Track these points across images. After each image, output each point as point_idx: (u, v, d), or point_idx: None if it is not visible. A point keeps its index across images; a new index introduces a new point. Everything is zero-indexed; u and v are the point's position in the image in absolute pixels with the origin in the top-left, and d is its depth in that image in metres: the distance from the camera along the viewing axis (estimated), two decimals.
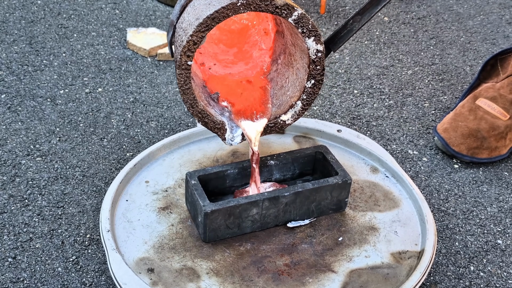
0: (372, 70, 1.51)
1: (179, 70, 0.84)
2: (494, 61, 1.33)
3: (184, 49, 0.82)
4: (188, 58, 0.83)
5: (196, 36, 0.82)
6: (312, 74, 0.91)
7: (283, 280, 0.86)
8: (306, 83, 0.92)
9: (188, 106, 0.88)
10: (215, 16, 0.81)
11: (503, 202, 1.14)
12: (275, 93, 0.97)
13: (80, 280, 0.95)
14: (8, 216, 1.05)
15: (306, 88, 0.92)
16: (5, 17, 1.63)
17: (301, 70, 0.92)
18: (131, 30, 1.57)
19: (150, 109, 1.33)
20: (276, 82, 0.98)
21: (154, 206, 0.97)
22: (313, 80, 0.91)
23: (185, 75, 0.85)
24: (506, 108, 1.23)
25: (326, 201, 0.95)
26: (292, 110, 0.95)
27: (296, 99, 0.94)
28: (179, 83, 0.85)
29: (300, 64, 0.92)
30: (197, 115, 0.90)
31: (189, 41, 0.82)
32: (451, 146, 1.21)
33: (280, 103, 0.96)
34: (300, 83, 0.93)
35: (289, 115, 0.95)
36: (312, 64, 0.89)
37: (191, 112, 0.89)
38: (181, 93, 0.86)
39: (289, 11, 0.83)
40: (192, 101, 0.88)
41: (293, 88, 0.94)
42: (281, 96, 0.96)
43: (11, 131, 1.24)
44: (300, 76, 0.93)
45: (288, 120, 0.96)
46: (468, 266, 1.01)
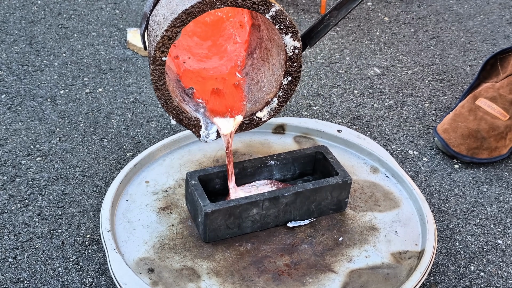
0: (372, 70, 1.51)
1: (153, 66, 0.83)
2: (494, 60, 1.33)
3: (159, 44, 0.81)
4: (162, 53, 0.82)
5: (171, 32, 0.80)
6: (289, 71, 0.89)
7: (283, 280, 0.86)
8: (283, 80, 0.90)
9: (162, 102, 0.86)
10: (190, 11, 0.79)
11: (504, 202, 1.14)
12: (250, 89, 0.96)
13: (80, 280, 0.95)
14: (8, 216, 1.05)
15: (283, 85, 0.91)
16: (5, 17, 1.63)
17: (278, 66, 0.91)
18: (131, 30, 1.57)
19: (150, 109, 1.33)
20: (251, 77, 0.96)
21: (154, 206, 0.97)
22: (290, 77, 0.90)
23: (159, 71, 0.83)
24: (506, 108, 1.23)
25: (326, 201, 0.95)
26: (268, 107, 0.93)
27: (272, 96, 0.93)
28: (153, 79, 0.84)
29: (276, 60, 0.91)
30: (171, 112, 0.88)
31: (163, 36, 0.80)
32: (451, 147, 1.21)
33: (256, 99, 0.95)
34: (277, 79, 0.92)
35: (265, 112, 0.94)
36: (289, 61, 0.88)
37: (165, 108, 0.87)
38: (155, 89, 0.85)
39: (267, 7, 0.82)
40: (166, 98, 0.86)
41: (269, 84, 0.93)
42: (256, 92, 0.95)
43: (11, 131, 1.24)
44: (276, 72, 0.91)
45: (264, 117, 0.94)
46: (469, 266, 1.01)
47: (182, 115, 0.89)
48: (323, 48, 1.58)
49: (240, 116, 0.92)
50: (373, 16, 1.76)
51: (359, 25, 1.70)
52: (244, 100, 0.95)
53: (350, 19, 1.73)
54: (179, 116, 0.89)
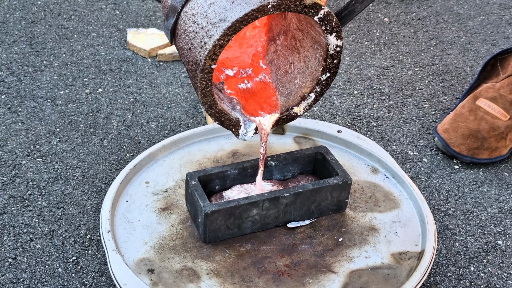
0: (372, 70, 1.51)
1: (202, 74, 0.80)
2: (494, 61, 1.33)
3: (210, 53, 0.78)
4: (212, 61, 0.79)
5: (223, 40, 0.78)
6: (329, 67, 0.89)
7: (283, 281, 0.86)
8: (321, 76, 0.89)
9: (207, 107, 0.85)
10: (244, 19, 0.77)
11: (503, 202, 1.14)
12: (279, 79, 0.95)
13: (80, 280, 0.95)
14: (8, 217, 1.05)
15: (321, 81, 0.90)
16: (5, 17, 1.63)
17: (313, 60, 0.90)
18: (131, 31, 1.57)
19: (150, 109, 1.33)
20: (277, 66, 0.95)
21: (154, 206, 0.97)
22: (329, 73, 0.89)
23: (207, 78, 0.81)
24: (506, 109, 1.23)
25: (326, 201, 0.95)
26: (305, 102, 0.92)
27: (308, 91, 0.91)
28: (200, 86, 0.82)
29: (310, 53, 0.90)
30: (214, 115, 0.87)
31: (215, 45, 0.78)
32: (451, 147, 1.21)
33: (289, 92, 0.94)
34: (312, 73, 0.91)
35: (301, 107, 0.93)
36: (329, 58, 0.87)
37: (209, 112, 0.86)
38: (200, 95, 0.83)
39: (316, 10, 0.81)
40: (212, 103, 0.85)
41: (302, 77, 0.92)
42: (287, 83, 0.94)
43: (11, 131, 1.24)
44: (311, 66, 0.90)
45: (300, 112, 0.93)
46: (468, 266, 1.01)
47: (224, 117, 0.88)
48: None
49: (277, 113, 0.92)
50: (373, 16, 1.76)
51: (359, 25, 1.71)
52: (275, 95, 0.93)
53: None
54: (221, 118, 0.88)
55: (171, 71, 1.47)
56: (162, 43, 1.52)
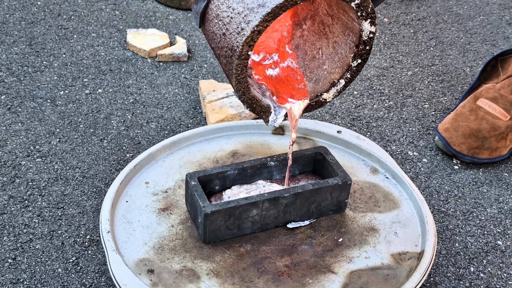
0: (372, 71, 1.51)
1: (239, 60, 0.79)
2: (494, 62, 1.33)
3: (247, 39, 0.77)
4: (249, 48, 0.78)
5: (261, 26, 0.76)
6: (360, 53, 0.87)
7: (283, 281, 0.86)
8: (352, 62, 0.88)
9: (241, 94, 0.84)
10: (283, 5, 0.76)
11: (503, 203, 1.14)
12: (306, 65, 0.93)
13: (80, 281, 0.95)
14: (8, 217, 1.05)
15: (351, 67, 0.89)
16: (5, 18, 1.63)
17: (343, 46, 0.88)
18: (131, 31, 1.57)
19: (150, 110, 1.33)
20: (304, 51, 0.93)
21: (154, 207, 0.97)
22: (360, 59, 0.88)
23: (243, 64, 0.79)
24: (507, 109, 1.23)
25: (326, 202, 0.95)
26: (334, 88, 0.91)
27: (338, 77, 0.90)
28: (236, 73, 0.80)
29: (340, 39, 0.89)
30: (247, 102, 0.86)
31: (253, 31, 0.76)
32: (452, 146, 1.21)
33: (317, 78, 0.92)
34: (342, 59, 0.89)
35: (331, 94, 0.92)
36: (362, 45, 0.86)
37: (242, 99, 0.85)
38: (235, 82, 0.82)
39: None
40: (245, 89, 0.83)
41: (331, 63, 0.91)
42: (315, 69, 0.92)
43: (11, 132, 1.24)
44: (340, 52, 0.89)
45: (329, 98, 0.92)
46: (468, 267, 1.01)
47: (256, 104, 0.87)
48: None
49: (306, 100, 0.90)
50: None
51: None
52: (303, 81, 0.92)
53: None
54: (253, 105, 0.86)
55: (171, 72, 1.47)
56: (162, 44, 1.52)
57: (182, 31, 1.63)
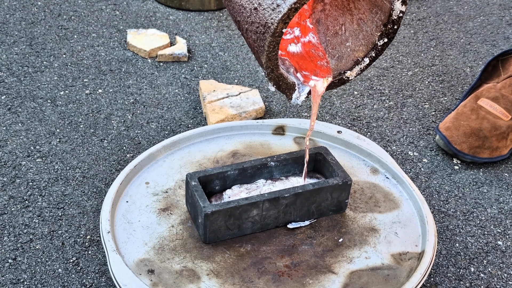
0: (372, 71, 1.51)
1: (272, 37, 0.77)
2: (495, 62, 1.33)
3: (284, 16, 0.75)
4: (284, 25, 0.76)
5: (299, 3, 0.74)
6: (387, 33, 0.86)
7: (283, 281, 0.86)
8: (379, 41, 0.87)
9: (269, 71, 0.82)
10: None
11: (503, 203, 1.14)
12: (328, 40, 0.91)
13: (80, 281, 0.95)
14: (8, 217, 1.05)
15: (377, 46, 0.87)
16: (5, 18, 1.63)
17: (369, 23, 0.87)
18: (131, 32, 1.57)
19: (150, 110, 1.33)
20: (326, 26, 0.91)
21: (154, 207, 0.97)
22: (386, 38, 0.87)
23: (276, 42, 0.78)
24: (508, 109, 1.23)
25: (326, 202, 0.95)
26: (358, 67, 0.90)
27: (362, 55, 0.89)
28: (268, 50, 0.78)
29: (367, 16, 0.87)
30: (274, 79, 0.84)
31: (290, 8, 0.74)
32: (453, 145, 1.21)
33: (340, 55, 0.91)
34: (367, 37, 0.88)
35: (354, 72, 0.90)
36: (390, 24, 0.84)
37: (270, 76, 0.83)
38: (265, 59, 0.80)
39: None
40: (275, 66, 0.82)
41: (354, 40, 0.89)
42: (338, 46, 0.91)
43: (12, 132, 1.24)
44: (365, 29, 0.87)
45: (352, 76, 0.91)
46: (469, 267, 1.01)
47: (282, 81, 0.85)
48: None
49: (330, 77, 0.89)
50: None
51: None
52: (325, 58, 0.90)
53: None
54: (279, 82, 0.85)
55: (171, 72, 1.47)
56: (162, 44, 1.53)
57: (182, 31, 1.63)
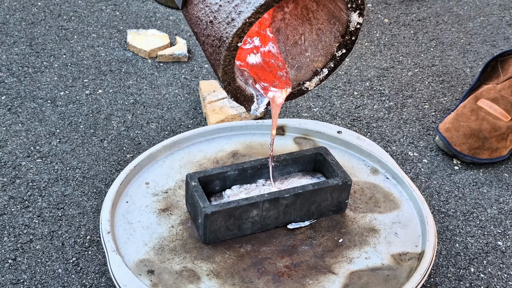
0: (372, 71, 1.51)
1: (227, 51, 0.76)
2: (494, 62, 1.33)
3: (238, 31, 0.74)
4: (239, 39, 0.75)
5: (253, 18, 0.74)
6: (345, 44, 0.86)
7: (283, 282, 0.86)
8: (337, 52, 0.87)
9: (226, 84, 0.82)
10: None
11: (503, 203, 1.14)
12: (288, 50, 0.91)
13: (80, 281, 0.95)
14: (8, 218, 1.05)
15: (336, 57, 0.88)
16: (5, 18, 1.63)
17: (327, 34, 0.87)
18: (131, 32, 1.57)
19: (150, 110, 1.33)
20: (286, 36, 0.91)
21: (154, 207, 0.97)
22: (345, 49, 0.87)
23: (231, 56, 0.77)
24: (508, 110, 1.23)
25: (326, 202, 0.95)
26: (317, 77, 0.90)
27: (321, 65, 0.89)
28: (223, 64, 0.78)
29: (325, 27, 0.87)
30: (231, 92, 0.84)
31: (245, 23, 0.74)
32: (453, 146, 1.21)
33: (299, 65, 0.91)
34: (325, 48, 0.88)
35: (313, 83, 0.90)
36: (348, 35, 0.85)
37: (227, 89, 0.83)
38: (221, 72, 0.79)
39: None
40: (231, 80, 0.81)
41: (314, 51, 0.89)
42: (297, 56, 0.91)
43: (11, 132, 1.24)
44: (324, 40, 0.88)
45: (311, 87, 0.91)
46: (469, 267, 1.01)
47: (240, 93, 0.85)
48: None
49: (289, 88, 0.89)
50: (372, 17, 1.76)
51: None
52: (285, 68, 0.90)
53: None
54: (237, 95, 0.85)
55: (171, 72, 1.47)
56: (162, 44, 1.52)
57: (182, 32, 1.63)
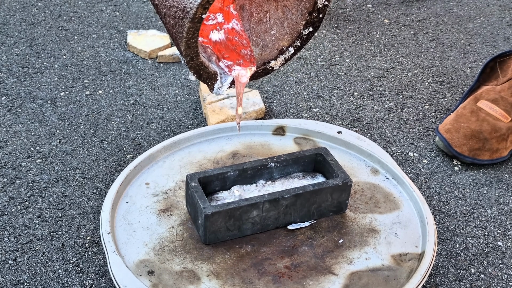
0: (372, 72, 1.51)
1: (191, 23, 0.73)
2: (493, 63, 1.33)
3: (203, 1, 0.72)
4: (204, 10, 0.73)
5: None
6: (312, 21, 0.84)
7: (284, 283, 0.86)
8: (304, 30, 0.85)
9: (189, 59, 0.79)
10: None
11: (504, 204, 1.14)
12: (252, 28, 0.89)
13: (80, 282, 0.95)
14: (9, 218, 1.05)
15: (302, 35, 0.85)
16: (5, 19, 1.63)
17: (294, 11, 0.85)
18: (132, 32, 1.57)
19: (150, 111, 1.33)
20: (250, 13, 0.89)
21: (154, 208, 0.97)
22: (311, 27, 0.85)
23: (195, 28, 0.74)
24: (508, 111, 1.23)
25: (327, 203, 0.95)
26: (282, 56, 0.87)
27: (287, 44, 0.87)
28: (187, 37, 0.75)
29: (291, 3, 0.85)
30: (194, 68, 0.81)
31: None
32: (453, 147, 1.21)
33: (264, 43, 0.88)
34: (291, 26, 0.86)
35: (278, 62, 0.88)
36: (315, 12, 0.83)
37: (190, 65, 0.80)
38: (184, 46, 0.76)
39: None
40: (195, 54, 0.78)
41: (279, 29, 0.87)
42: (262, 34, 0.89)
43: (12, 133, 1.24)
44: (291, 18, 0.86)
45: (276, 66, 0.88)
46: (469, 268, 1.01)
47: (203, 70, 0.82)
48: (323, 50, 1.59)
49: (253, 67, 0.86)
50: (373, 18, 1.76)
51: (359, 27, 1.71)
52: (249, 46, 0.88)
53: (350, 21, 1.73)
54: (200, 71, 0.82)
55: (171, 73, 1.47)
56: (162, 45, 1.53)
57: None
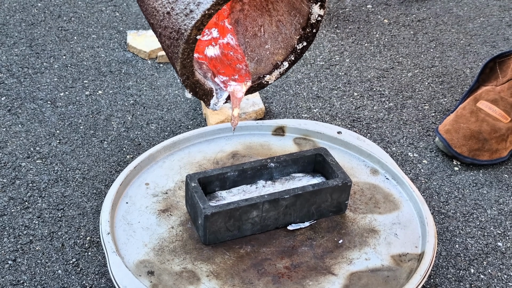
0: (372, 72, 1.51)
1: (186, 44, 0.75)
2: (493, 64, 1.33)
3: (197, 23, 0.73)
4: (198, 32, 0.74)
5: (213, 10, 0.72)
6: (306, 36, 0.85)
7: (283, 283, 0.86)
8: (298, 44, 0.86)
9: (185, 78, 0.80)
10: None
11: (503, 204, 1.14)
12: (247, 42, 0.90)
13: (80, 282, 0.95)
14: (8, 219, 1.05)
15: (296, 49, 0.86)
16: (5, 19, 1.63)
17: (288, 26, 0.86)
18: (131, 33, 1.57)
19: (150, 111, 1.33)
20: (245, 27, 0.90)
21: (154, 208, 0.97)
22: (306, 42, 0.86)
23: (190, 49, 0.76)
24: (507, 111, 1.23)
25: (326, 203, 0.95)
26: (277, 71, 0.88)
27: (281, 58, 0.88)
28: (182, 57, 0.76)
29: (285, 18, 0.86)
30: (190, 86, 0.82)
31: (204, 15, 0.72)
32: (453, 147, 1.21)
33: (259, 58, 0.89)
34: (286, 40, 0.87)
35: (273, 76, 0.89)
36: (309, 27, 0.84)
37: (186, 83, 0.81)
38: (180, 66, 0.78)
39: None
40: (190, 73, 0.80)
41: (274, 43, 0.88)
42: (257, 48, 0.89)
43: (11, 133, 1.24)
44: (285, 32, 0.86)
45: (271, 81, 0.89)
46: (469, 268, 1.01)
47: (199, 88, 0.83)
48: (323, 50, 1.59)
49: (249, 82, 0.87)
50: (372, 18, 1.76)
51: (358, 27, 1.71)
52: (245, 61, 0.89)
53: (350, 21, 1.73)
54: (196, 89, 0.83)
55: (171, 73, 1.47)
56: None
57: None
